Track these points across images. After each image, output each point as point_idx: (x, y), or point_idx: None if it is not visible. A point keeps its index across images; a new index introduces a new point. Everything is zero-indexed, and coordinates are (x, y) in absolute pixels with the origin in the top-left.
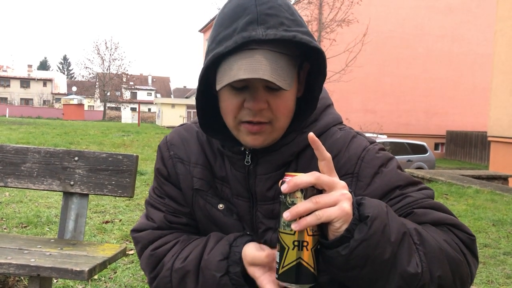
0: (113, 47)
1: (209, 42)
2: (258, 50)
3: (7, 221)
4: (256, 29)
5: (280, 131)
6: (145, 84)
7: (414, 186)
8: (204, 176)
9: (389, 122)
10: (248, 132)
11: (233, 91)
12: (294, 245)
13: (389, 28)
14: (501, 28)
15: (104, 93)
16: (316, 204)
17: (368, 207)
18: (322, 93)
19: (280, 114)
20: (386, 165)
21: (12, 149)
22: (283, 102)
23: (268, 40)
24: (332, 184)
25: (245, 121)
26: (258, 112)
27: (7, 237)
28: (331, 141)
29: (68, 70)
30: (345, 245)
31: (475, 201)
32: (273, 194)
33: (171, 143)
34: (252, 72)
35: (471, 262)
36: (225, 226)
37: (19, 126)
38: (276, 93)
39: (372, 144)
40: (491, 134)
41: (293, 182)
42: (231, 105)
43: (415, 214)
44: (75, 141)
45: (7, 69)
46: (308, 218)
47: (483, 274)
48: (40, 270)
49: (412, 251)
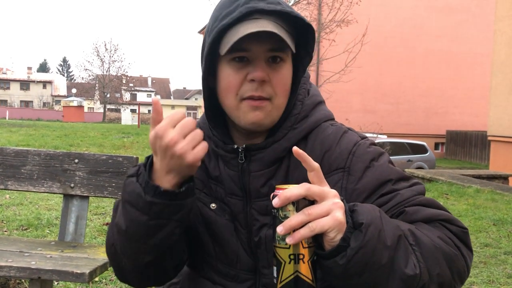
0: (112, 49)
1: (210, 22)
2: (261, 19)
3: (7, 224)
4: (258, 3)
5: (278, 110)
6: (144, 86)
7: (405, 181)
8: (199, 175)
9: (389, 122)
10: (250, 107)
11: (236, 65)
12: (290, 258)
13: (389, 28)
14: (500, 28)
15: (104, 95)
16: (308, 216)
17: (361, 213)
18: (313, 91)
19: (279, 90)
20: (377, 159)
21: (12, 152)
22: (282, 77)
23: (270, 12)
24: (323, 194)
25: (246, 97)
26: (260, 85)
27: (7, 240)
28: (322, 137)
29: (68, 72)
30: (342, 254)
31: (475, 200)
32: (267, 191)
33: None
34: (261, 28)
35: (466, 254)
36: (216, 225)
37: (19, 129)
38: (276, 66)
39: (363, 139)
40: (491, 133)
41: (284, 196)
42: (234, 80)
43: (407, 213)
44: (75, 143)
45: (7, 72)
46: (302, 230)
47: (484, 274)
48: (41, 273)
49: (409, 253)
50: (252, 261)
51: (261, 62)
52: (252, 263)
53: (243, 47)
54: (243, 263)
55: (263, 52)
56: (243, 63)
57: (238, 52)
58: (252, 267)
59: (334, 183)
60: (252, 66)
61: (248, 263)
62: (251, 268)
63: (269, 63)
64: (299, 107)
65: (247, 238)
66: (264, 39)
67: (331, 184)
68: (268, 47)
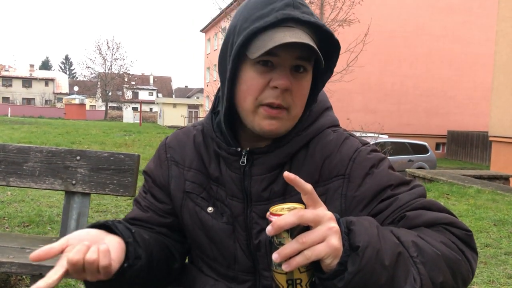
0: (114, 47)
1: (240, 22)
2: (295, 28)
3: (9, 220)
4: (293, 10)
5: (294, 120)
6: (146, 84)
7: (405, 185)
8: (196, 179)
9: (390, 122)
10: (266, 115)
11: (260, 70)
12: (288, 283)
13: (391, 28)
14: (502, 28)
15: (105, 93)
16: (303, 245)
17: (358, 234)
18: (321, 97)
19: (298, 101)
20: (377, 165)
21: (14, 149)
22: (303, 88)
23: (303, 22)
24: (317, 219)
25: (265, 104)
26: (282, 93)
27: (9, 236)
28: (323, 143)
29: (70, 70)
30: (340, 277)
31: (476, 201)
32: (268, 195)
33: (169, 146)
34: (298, 39)
35: (470, 257)
36: (212, 229)
37: (21, 126)
38: (299, 76)
39: (364, 146)
40: (492, 134)
41: (277, 225)
42: (256, 84)
43: (408, 217)
44: (77, 140)
45: (9, 69)
46: (297, 258)
47: (484, 274)
48: (42, 269)
49: (409, 268)
50: (251, 263)
51: (286, 70)
52: (250, 265)
53: (273, 52)
54: (241, 265)
55: (290, 59)
56: (267, 68)
57: (266, 56)
58: (251, 269)
59: (334, 189)
60: (277, 73)
61: (246, 265)
62: (250, 270)
63: (292, 72)
64: (306, 114)
65: (246, 241)
66: (294, 47)
67: (331, 191)
68: (295, 55)
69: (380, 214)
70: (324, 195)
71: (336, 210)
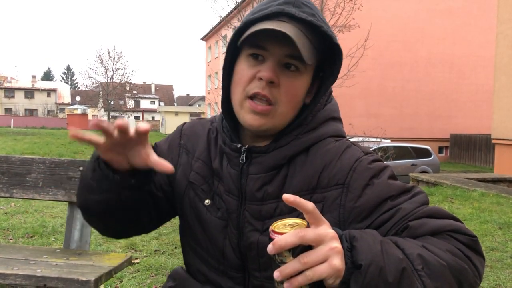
0: (116, 56)
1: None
2: (287, 23)
3: (13, 232)
4: (291, 8)
5: (281, 118)
6: (148, 93)
7: (406, 194)
8: (201, 171)
9: (392, 126)
10: (250, 110)
11: (251, 62)
12: None
13: (391, 32)
14: (502, 31)
15: (107, 102)
16: (304, 265)
17: (360, 252)
18: (330, 106)
19: (286, 98)
20: (378, 176)
21: (17, 160)
22: (292, 86)
23: (298, 19)
24: (319, 239)
25: (251, 96)
26: (269, 86)
27: (13, 248)
28: (324, 150)
29: (72, 80)
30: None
31: (480, 204)
32: (262, 196)
33: (184, 133)
34: (277, 27)
35: (477, 263)
36: (205, 222)
37: (24, 137)
38: (289, 73)
39: (366, 155)
40: (495, 136)
41: (278, 245)
42: (246, 75)
43: (411, 227)
44: (80, 150)
45: (12, 80)
46: (299, 278)
47: (490, 278)
48: (47, 281)
49: (414, 283)
50: (240, 262)
51: (273, 63)
52: (239, 263)
53: (261, 45)
54: (230, 261)
55: (279, 55)
56: (257, 61)
57: (255, 49)
58: (240, 267)
59: (332, 199)
60: (264, 66)
61: (235, 262)
62: (239, 268)
63: (281, 68)
64: (309, 119)
65: (237, 239)
66: (285, 44)
67: (329, 200)
68: (286, 52)
69: (383, 226)
70: (321, 202)
71: (334, 220)
